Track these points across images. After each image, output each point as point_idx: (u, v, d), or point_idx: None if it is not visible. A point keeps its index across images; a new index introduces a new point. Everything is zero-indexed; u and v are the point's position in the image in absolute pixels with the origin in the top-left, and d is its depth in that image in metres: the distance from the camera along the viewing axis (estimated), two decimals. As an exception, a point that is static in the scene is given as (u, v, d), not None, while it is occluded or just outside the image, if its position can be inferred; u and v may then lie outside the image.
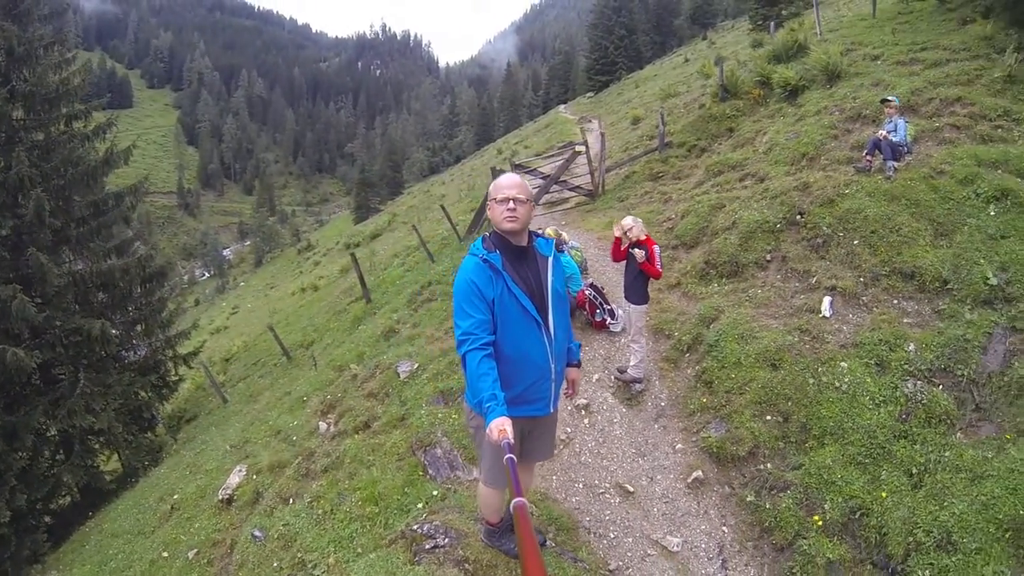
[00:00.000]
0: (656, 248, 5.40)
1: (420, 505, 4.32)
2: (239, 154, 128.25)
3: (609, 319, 7.05)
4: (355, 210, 63.78)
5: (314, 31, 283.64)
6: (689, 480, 4.81)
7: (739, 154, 10.81)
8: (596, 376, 6.24)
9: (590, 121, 29.10)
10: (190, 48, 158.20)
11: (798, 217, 7.27)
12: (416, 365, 6.83)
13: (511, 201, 2.68)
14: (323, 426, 6.57)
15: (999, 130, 6.97)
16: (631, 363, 5.88)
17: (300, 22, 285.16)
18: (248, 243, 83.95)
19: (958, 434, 4.27)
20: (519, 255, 2.79)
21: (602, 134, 14.09)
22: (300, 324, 17.03)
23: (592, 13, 50.26)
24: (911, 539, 3.64)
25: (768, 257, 7.15)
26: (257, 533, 5.02)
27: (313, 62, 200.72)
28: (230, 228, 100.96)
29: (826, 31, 14.44)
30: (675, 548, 4.22)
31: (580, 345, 3.22)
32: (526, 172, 12.78)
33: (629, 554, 4.15)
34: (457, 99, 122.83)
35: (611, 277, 8.12)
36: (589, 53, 47.89)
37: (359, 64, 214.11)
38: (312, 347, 12.62)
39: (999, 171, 6.20)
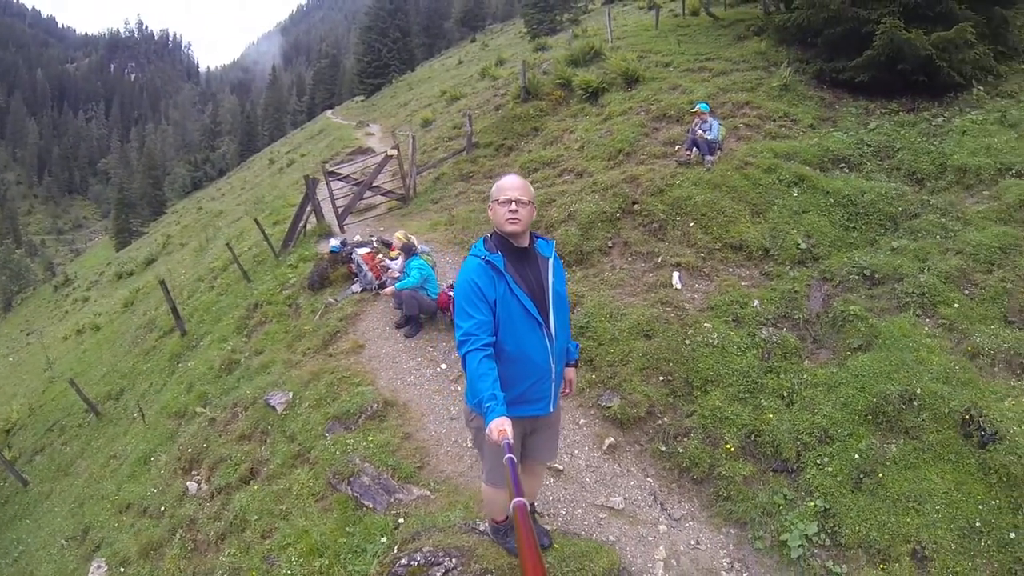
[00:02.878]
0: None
1: (383, 539, 4.37)
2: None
3: None
4: (116, 234, 61.18)
5: (60, 26, 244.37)
6: (604, 447, 5.73)
7: (551, 152, 12.45)
8: None
9: (368, 126, 29.83)
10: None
11: (633, 206, 8.86)
12: (291, 394, 6.77)
13: (513, 203, 2.89)
14: (192, 486, 6.15)
15: (783, 128, 9.50)
16: None
17: (44, 14, 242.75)
18: (-9, 284, 72.69)
19: (806, 362, 5.97)
20: (520, 256, 3.01)
21: (413, 137, 14.90)
22: (98, 372, 14.88)
23: (367, 15, 51.53)
24: (798, 443, 5.07)
25: (610, 243, 8.57)
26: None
27: (59, 63, 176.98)
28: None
29: (615, 39, 17.33)
30: (620, 506, 5.03)
31: (579, 346, 3.56)
32: (338, 179, 12.90)
33: (586, 522, 4.80)
34: (219, 107, 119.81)
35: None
36: (362, 56, 49.16)
37: (112, 66, 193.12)
38: (123, 397, 11.25)
39: (792, 161, 8.48)
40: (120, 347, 15.68)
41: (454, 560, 3.72)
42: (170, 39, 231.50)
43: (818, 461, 4.85)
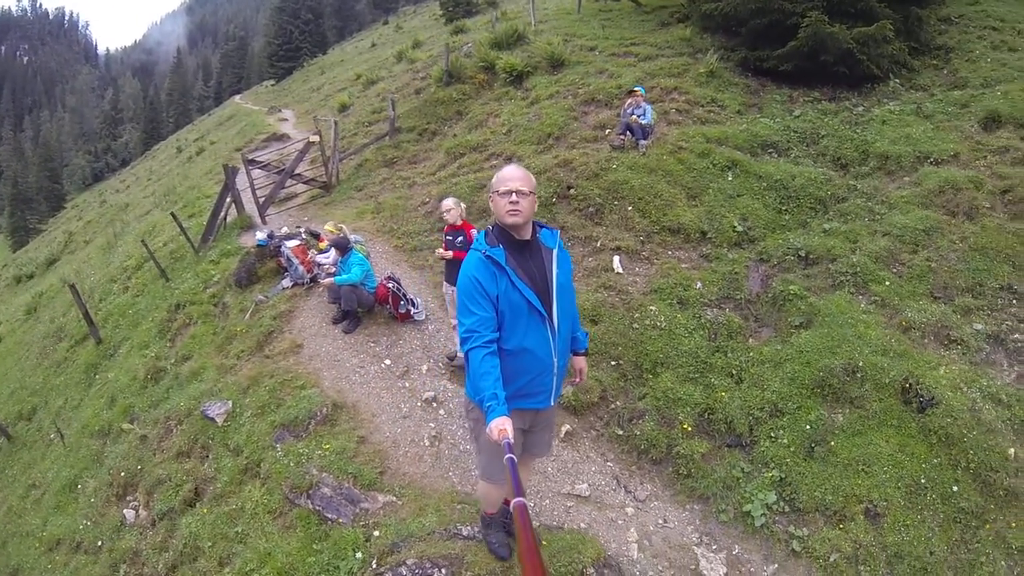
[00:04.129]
0: (474, 232, 5.99)
1: (358, 555, 4.27)
2: None
3: (412, 309, 7.74)
4: (11, 234, 58.93)
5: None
6: (562, 435, 5.87)
7: (477, 136, 12.51)
8: (425, 367, 6.82)
9: (280, 111, 29.13)
10: None
11: (568, 191, 9.08)
12: (230, 403, 6.51)
13: (514, 194, 2.87)
14: (129, 514, 5.83)
15: (711, 114, 9.99)
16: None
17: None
18: None
19: (751, 340, 6.41)
20: (523, 249, 3.00)
21: (335, 122, 14.52)
22: (4, 389, 13.64)
23: None
24: (750, 418, 5.47)
25: None
26: None
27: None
28: None
29: (537, 23, 17.51)
30: (586, 493, 5.21)
31: (587, 334, 3.60)
32: (258, 167, 12.40)
33: (556, 511, 4.95)
34: (120, 92, 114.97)
35: (391, 268, 8.70)
36: (272, 38, 48.85)
37: (2, 49, 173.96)
38: (36, 416, 10.38)
39: (724, 146, 8.96)
40: (27, 360, 14.42)
41: (443, 571, 3.70)
42: (66, 18, 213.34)
43: (771, 434, 5.26)
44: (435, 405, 6.19)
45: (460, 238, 5.97)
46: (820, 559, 4.24)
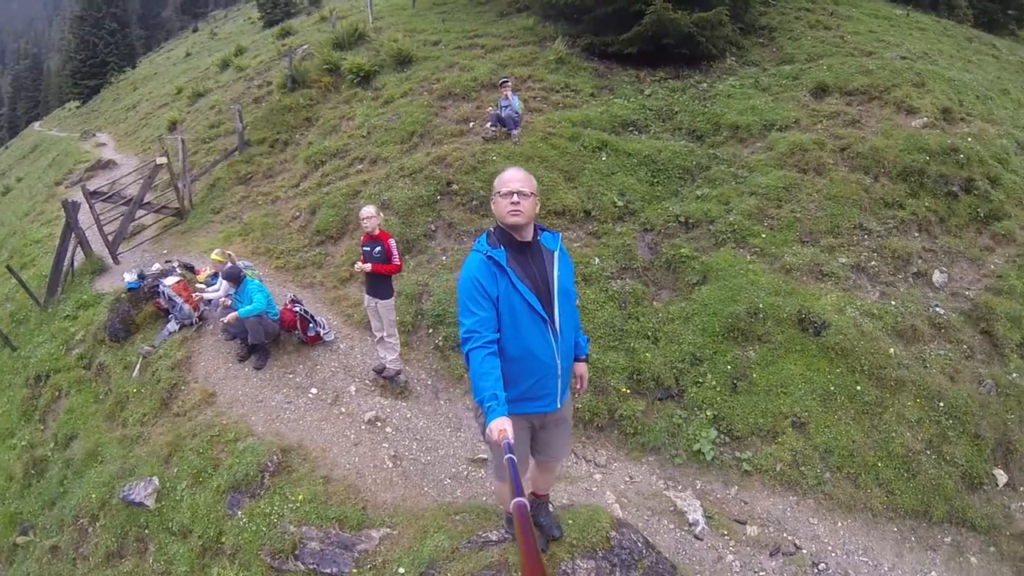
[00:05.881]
0: (392, 242, 6.11)
1: None
2: None
3: (321, 331, 7.59)
4: None
5: None
6: (508, 423, 6.31)
7: (334, 141, 12.27)
8: (354, 388, 6.69)
9: (95, 135, 26.27)
10: None
11: (449, 187, 9.34)
12: (155, 480, 5.77)
13: (515, 195, 2.93)
14: None
15: (567, 98, 10.76)
16: (388, 358, 6.56)
17: None
18: None
19: (655, 303, 7.25)
20: (524, 250, 3.05)
21: (182, 140, 13.45)
22: None
23: (78, 2, 44.18)
24: (675, 370, 6.27)
25: (433, 227, 8.91)
26: None
27: None
28: None
29: (374, 20, 17.33)
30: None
31: (588, 340, 3.65)
32: (104, 199, 11.21)
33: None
34: None
35: (281, 291, 8.44)
36: (74, 53, 43.04)
37: None
38: None
39: (589, 128, 9.72)
40: None
41: (500, 577, 3.64)
42: None
43: (697, 380, 6.09)
44: (380, 424, 6.12)
45: (378, 248, 5.95)
46: (768, 471, 5.13)
